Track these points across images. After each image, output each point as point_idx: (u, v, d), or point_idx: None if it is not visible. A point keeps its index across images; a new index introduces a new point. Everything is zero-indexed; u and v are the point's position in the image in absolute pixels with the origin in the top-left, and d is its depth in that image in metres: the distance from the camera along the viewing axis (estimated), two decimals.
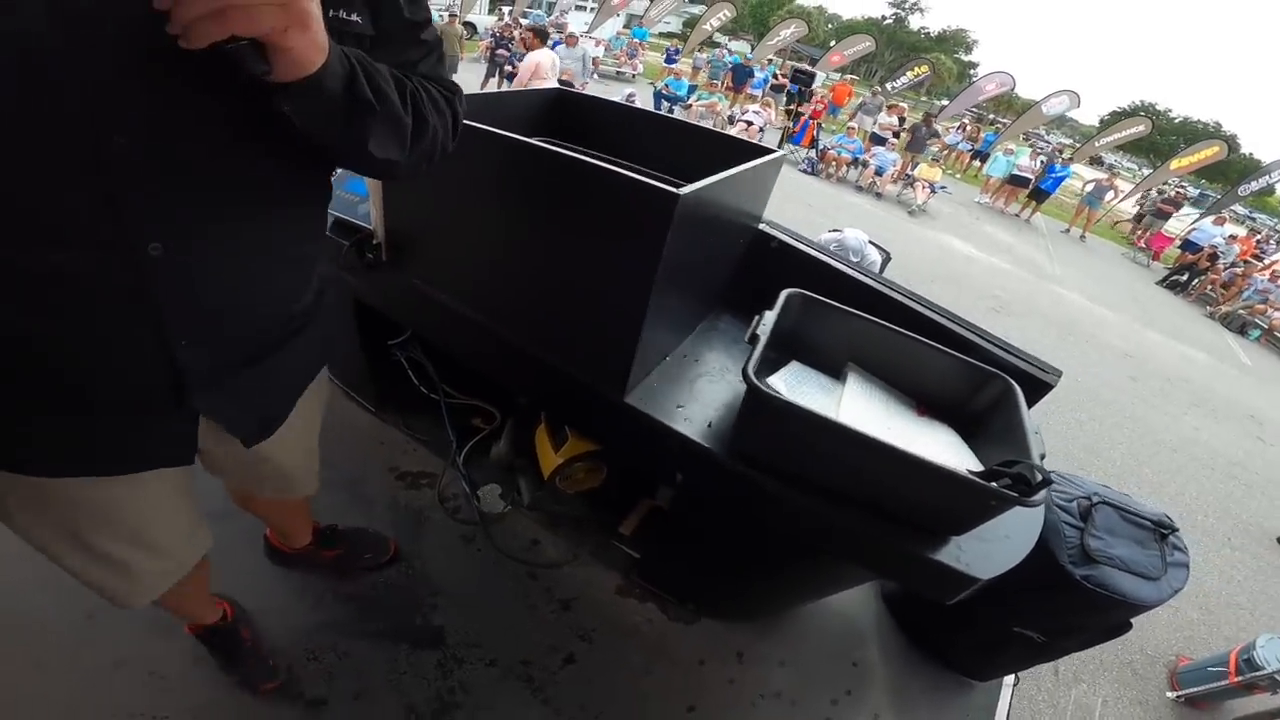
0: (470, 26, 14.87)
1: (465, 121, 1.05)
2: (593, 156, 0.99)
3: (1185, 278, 9.97)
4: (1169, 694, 2.37)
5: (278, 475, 1.06)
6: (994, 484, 0.90)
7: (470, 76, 11.03)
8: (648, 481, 1.93)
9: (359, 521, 1.78)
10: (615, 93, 10.43)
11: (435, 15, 12.30)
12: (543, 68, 6.47)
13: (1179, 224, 12.18)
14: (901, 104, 12.81)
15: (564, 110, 1.66)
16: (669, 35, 29.54)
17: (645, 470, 1.88)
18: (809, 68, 10.77)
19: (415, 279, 1.31)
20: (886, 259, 3.75)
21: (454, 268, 1.26)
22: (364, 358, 1.89)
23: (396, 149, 0.71)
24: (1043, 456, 0.96)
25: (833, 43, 20.22)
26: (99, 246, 0.59)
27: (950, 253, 7.67)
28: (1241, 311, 8.64)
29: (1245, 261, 10.09)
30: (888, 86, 15.36)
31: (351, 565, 1.59)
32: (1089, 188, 11.29)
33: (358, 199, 1.49)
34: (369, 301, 1.57)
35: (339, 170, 1.81)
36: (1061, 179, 11.11)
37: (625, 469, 1.85)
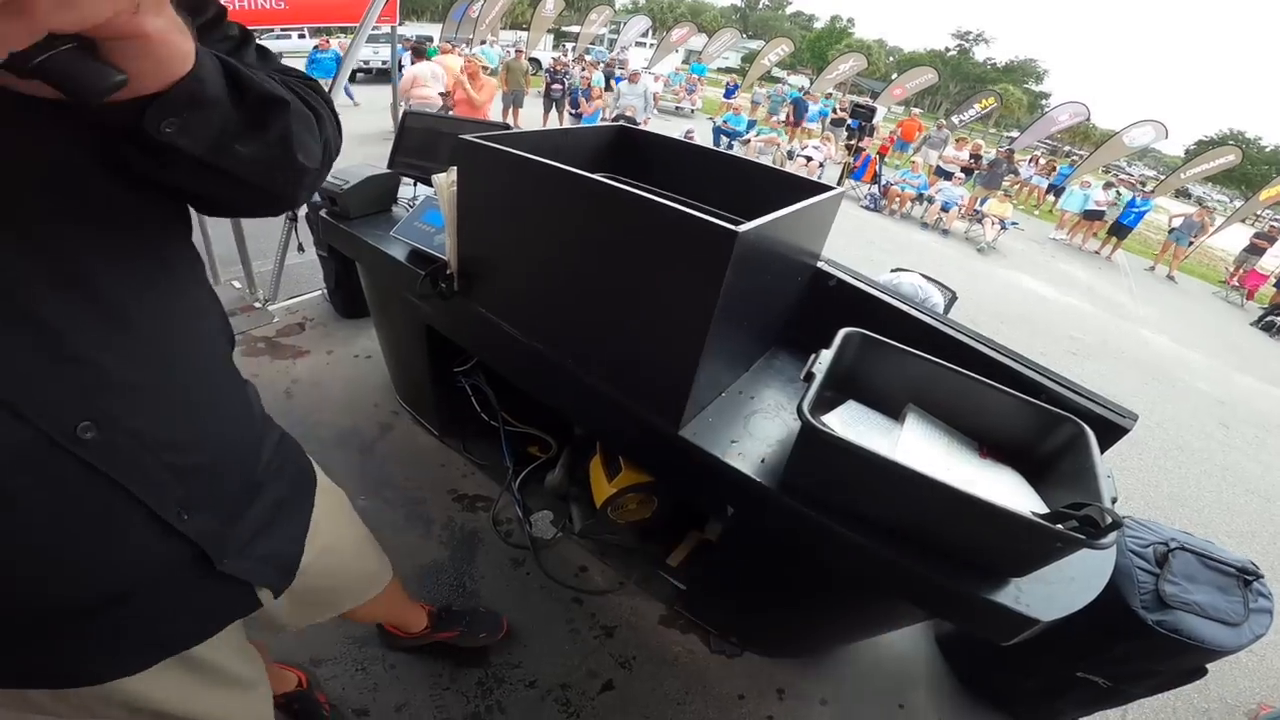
0: (535, 62, 15.60)
1: (529, 156, 1.11)
2: (653, 192, 1.02)
3: None
4: None
5: (344, 586, 1.02)
6: (1059, 526, 0.86)
7: (534, 111, 11.54)
8: (697, 515, 1.92)
9: (415, 539, 1.85)
10: (674, 128, 10.67)
11: (501, 51, 13.00)
12: (420, 78, 7.02)
13: (1275, 260, 11.26)
14: (978, 139, 12.49)
15: (625, 146, 1.72)
16: (727, 70, 30.07)
17: (696, 503, 1.88)
18: (869, 102, 10.71)
19: (482, 308, 1.38)
20: (952, 299, 3.63)
21: (519, 298, 1.31)
22: (431, 383, 1.98)
23: (317, 151, 0.60)
24: (1114, 500, 0.92)
25: (894, 76, 20.06)
26: (14, 450, 0.47)
27: (1022, 292, 7.35)
28: None
29: None
30: (953, 119, 15.07)
31: (469, 645, 1.55)
32: (1176, 221, 10.62)
33: (434, 230, 1.58)
34: (439, 328, 1.65)
35: (415, 198, 1.95)
36: (1143, 213, 10.49)
37: (676, 501, 1.85)
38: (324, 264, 2.83)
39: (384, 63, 10.15)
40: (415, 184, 2.07)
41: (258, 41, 0.61)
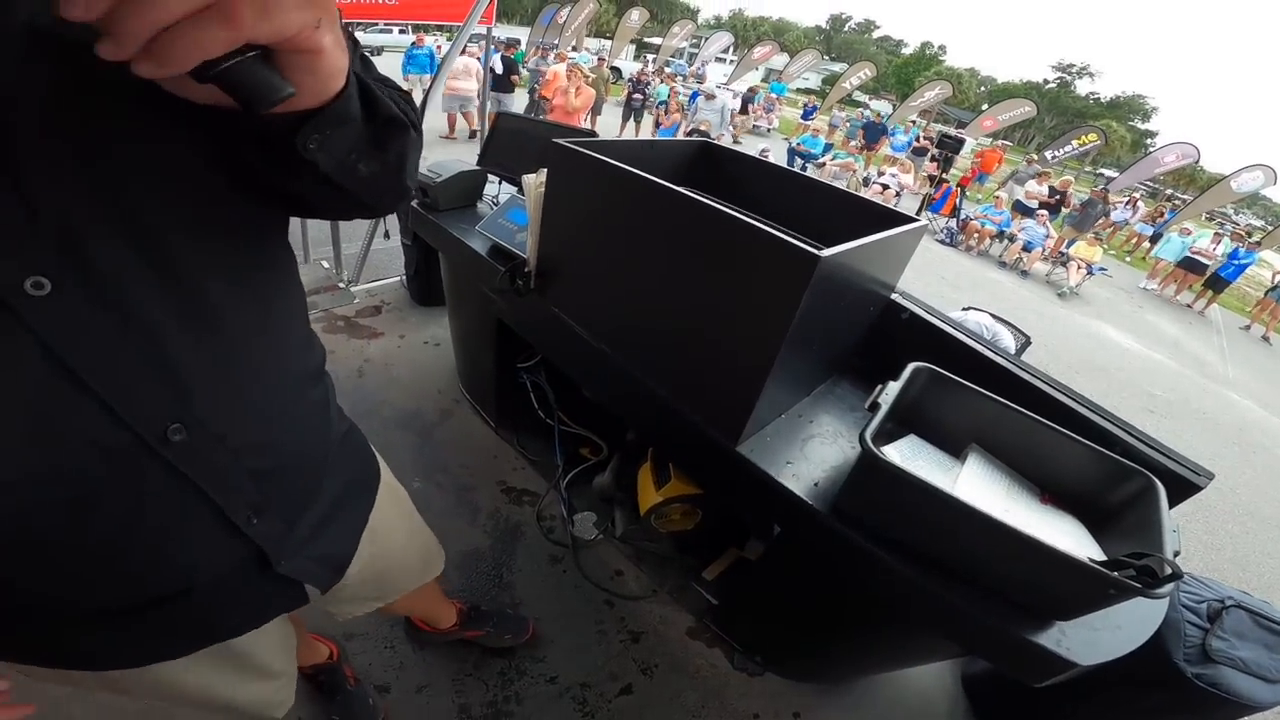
0: (616, 71, 15.90)
1: (619, 164, 1.14)
2: (734, 209, 1.04)
3: None
4: None
5: (390, 581, 1.02)
6: (1117, 574, 0.84)
7: (612, 119, 11.76)
8: (739, 532, 1.92)
9: (461, 525, 1.92)
10: (749, 146, 10.64)
11: (586, 57, 13.31)
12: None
13: None
14: (1066, 175, 11.86)
15: (706, 161, 1.75)
16: (807, 91, 29.75)
17: (743, 519, 1.87)
18: (956, 132, 10.37)
19: (555, 307, 1.43)
20: (1025, 344, 3.49)
21: (591, 300, 1.36)
22: (494, 376, 2.05)
23: (417, 169, 0.60)
24: (1176, 554, 0.88)
25: (984, 106, 19.37)
26: (106, 452, 0.47)
27: (1102, 342, 6.94)
28: None
29: None
30: (1047, 155, 14.40)
31: (494, 644, 1.58)
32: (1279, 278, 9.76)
33: (516, 228, 1.66)
34: (510, 323, 1.72)
35: (498, 196, 2.04)
36: (1245, 266, 9.69)
37: (720, 516, 1.85)
38: (406, 251, 2.98)
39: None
40: (500, 182, 2.16)
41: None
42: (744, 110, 15.09)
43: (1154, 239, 12.14)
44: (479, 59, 9.27)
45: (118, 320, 0.45)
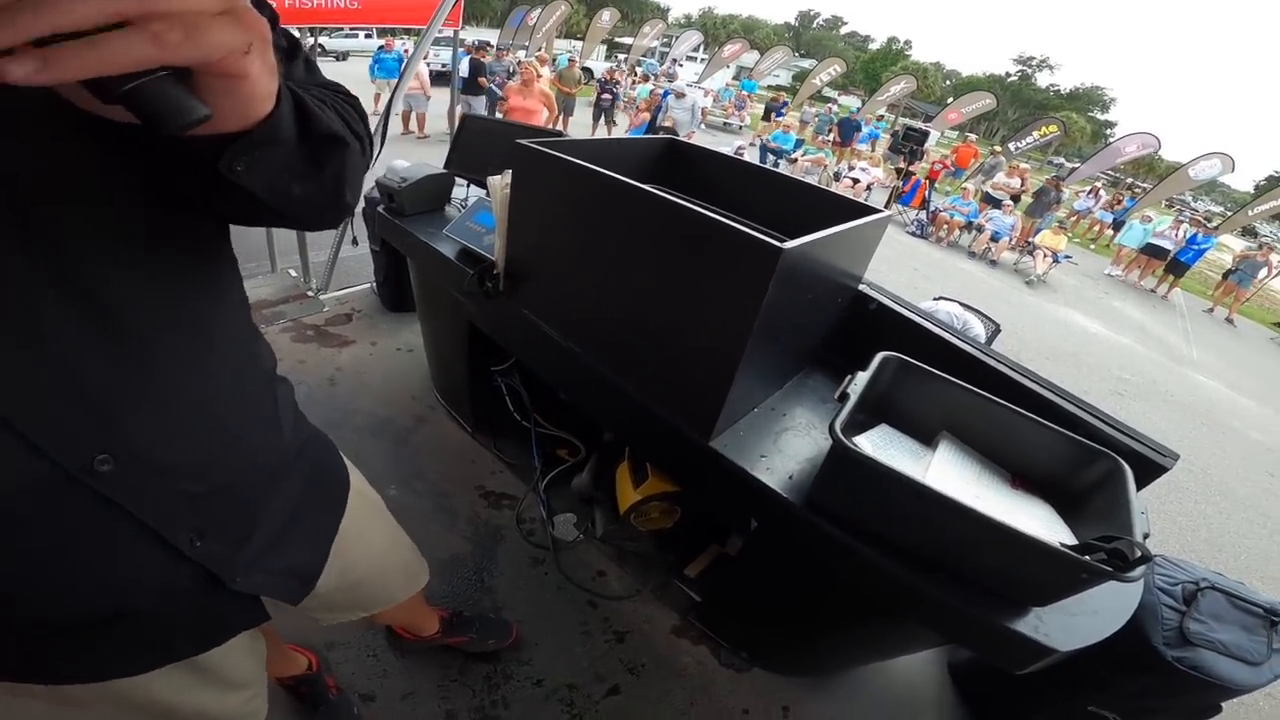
0: (588, 72, 15.87)
1: (583, 163, 1.14)
2: (700, 206, 1.04)
3: None
4: None
5: (371, 592, 1.00)
6: (1087, 558, 0.86)
7: (584, 119, 11.74)
8: (719, 528, 1.92)
9: (439, 531, 1.89)
10: (722, 143, 10.70)
11: (562, 58, 13.29)
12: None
13: None
14: (1024, 165, 12.16)
15: (673, 159, 1.75)
16: (778, 88, 30.01)
17: (721, 515, 1.88)
18: (921, 125, 10.52)
19: (525, 309, 1.42)
20: (995, 331, 3.56)
21: (561, 301, 1.35)
22: (468, 380, 2.03)
23: (359, 184, 0.58)
24: (1146, 536, 0.90)
25: (950, 99, 19.73)
26: (28, 484, 0.45)
27: (1070, 328, 7.11)
28: None
29: None
30: (1010, 146, 14.72)
31: (478, 650, 1.55)
32: (1242, 263, 10.11)
33: (484, 230, 1.64)
34: (481, 327, 1.70)
35: (467, 199, 2.03)
36: (1204, 250, 10.03)
37: (698, 513, 1.86)
38: (375, 258, 2.94)
39: (444, 65, 10.45)
40: (469, 185, 2.14)
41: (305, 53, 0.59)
42: None
43: (1116, 226, 12.49)
44: (426, 63, 9.27)
45: (32, 348, 0.42)
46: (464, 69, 8.35)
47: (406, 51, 10.15)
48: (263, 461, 0.68)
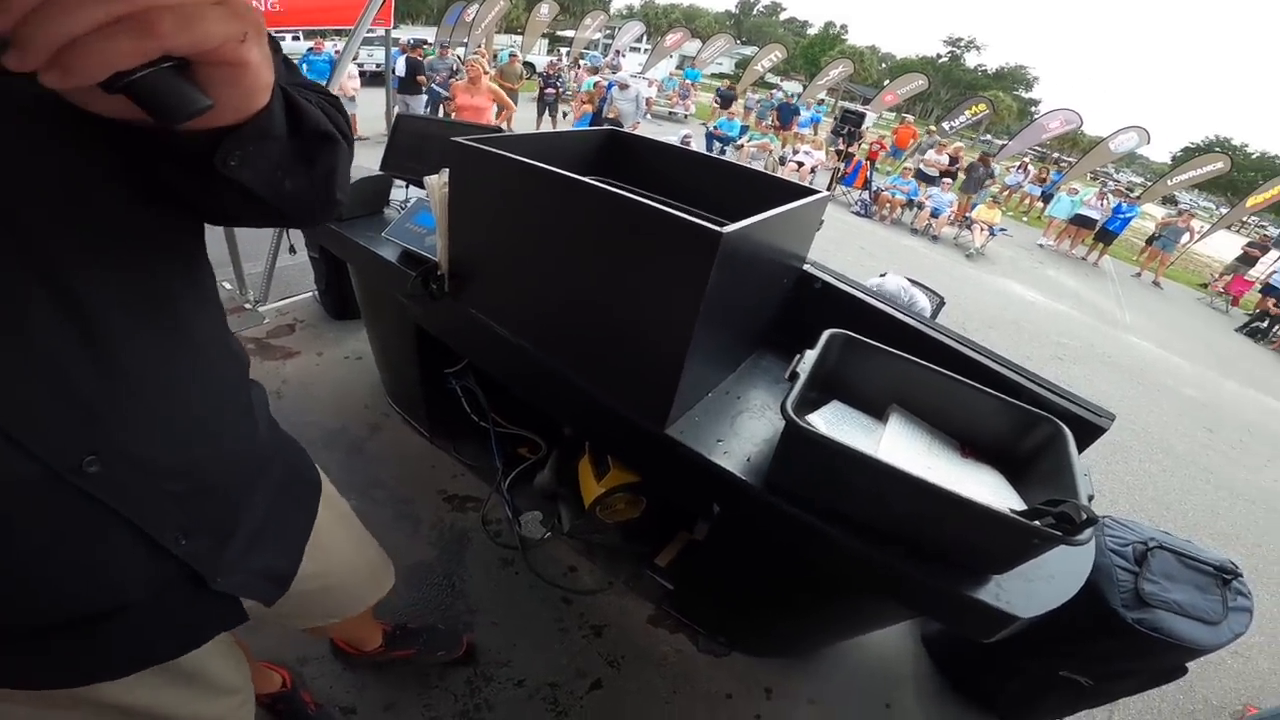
0: (530, 66, 15.63)
1: (518, 158, 1.12)
2: (641, 195, 1.04)
3: (1266, 324, 9.30)
4: None
5: (336, 599, 1.01)
6: (1036, 523, 0.88)
7: (528, 114, 11.57)
8: (686, 515, 1.94)
9: (403, 539, 1.85)
10: (668, 133, 10.71)
11: (503, 53, 13.06)
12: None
13: (1263, 267, 11.41)
14: (958, 143, 12.62)
15: (616, 150, 1.74)
16: (721, 76, 30.21)
17: (683, 502, 1.89)
18: (859, 108, 10.78)
19: (472, 308, 1.39)
20: (940, 304, 3.67)
21: (508, 299, 1.33)
22: (421, 384, 1.99)
23: (347, 181, 0.59)
24: (1091, 498, 0.94)
25: (886, 82, 20.25)
26: (16, 484, 0.46)
27: (1010, 298, 7.42)
28: None
29: None
30: (944, 126, 15.21)
31: (428, 662, 1.52)
32: (1165, 230, 10.74)
33: (425, 231, 1.60)
34: (429, 330, 1.66)
35: (407, 200, 1.97)
36: (1129, 219, 10.63)
37: (664, 502, 1.86)
38: (315, 265, 2.83)
39: (378, 66, 10.12)
40: (408, 186, 2.08)
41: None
42: None
43: (1045, 199, 13.09)
44: (358, 63, 8.99)
45: (19, 351, 0.43)
46: (400, 68, 8.11)
47: (338, 53, 9.80)
48: (241, 461, 0.69)
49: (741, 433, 1.21)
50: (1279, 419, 5.96)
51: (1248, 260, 10.90)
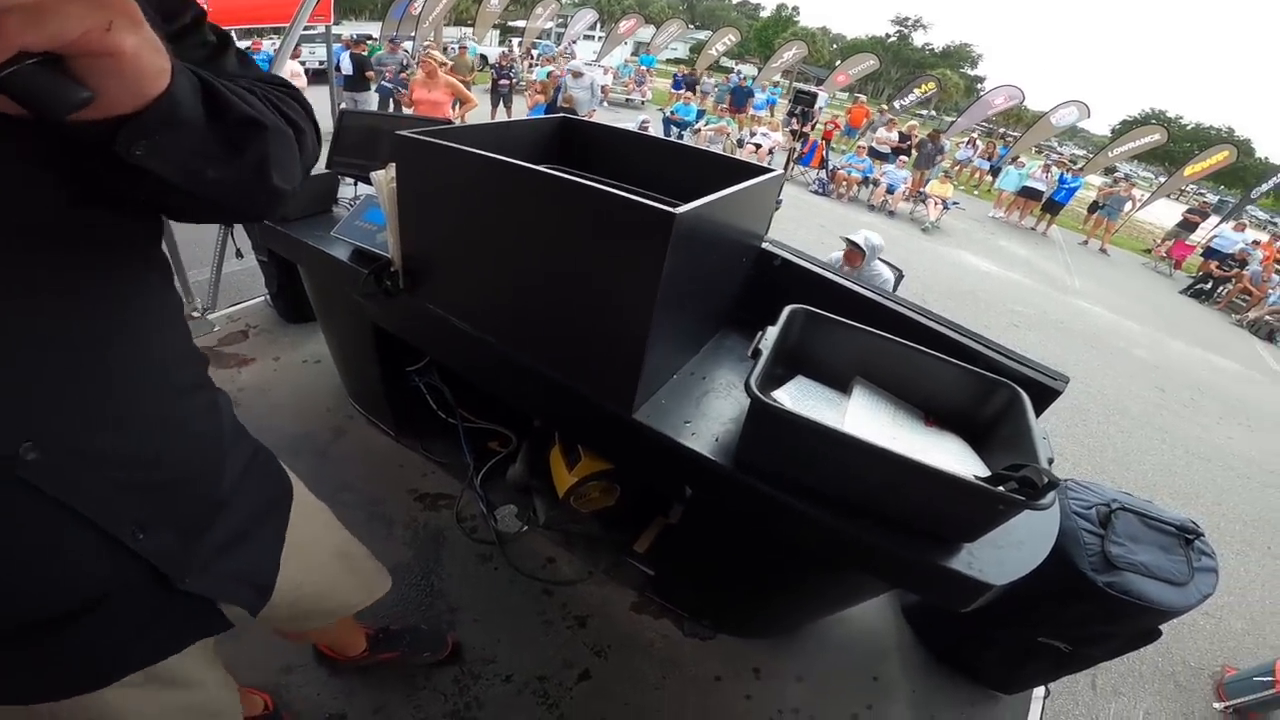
0: (482, 58, 15.33)
1: (466, 149, 1.10)
2: (596, 181, 1.02)
3: (1209, 286, 9.79)
4: (1215, 705, 2.33)
5: (325, 604, 1.01)
6: (1000, 488, 0.90)
7: (483, 107, 11.36)
8: (661, 499, 1.94)
9: (376, 542, 1.81)
10: (626, 119, 10.65)
11: (453, 46, 12.77)
12: None
13: (1203, 233, 11.99)
14: (910, 121, 12.86)
15: (570, 138, 1.72)
16: (676, 61, 30.09)
17: (656, 486, 1.90)
18: (811, 88, 10.89)
19: (431, 304, 1.36)
20: (899, 277, 3.75)
21: (467, 292, 1.30)
22: (383, 384, 1.94)
23: (296, 172, 0.59)
24: (1051, 461, 0.96)
25: (838, 63, 20.46)
26: None
27: (965, 269, 7.63)
28: (1269, 318, 8.45)
29: (1272, 267, 9.88)
30: (895, 104, 15.46)
31: (412, 665, 1.50)
32: (1108, 199, 11.17)
33: (375, 228, 1.55)
34: (387, 328, 1.62)
35: (358, 197, 1.91)
36: (1074, 190, 11.04)
37: (639, 488, 1.86)
38: (264, 269, 2.73)
39: (320, 63, 9.77)
40: (356, 183, 2.02)
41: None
42: None
43: (994, 173, 13.48)
44: (301, 62, 8.68)
45: None
46: (346, 65, 7.85)
47: (277, 51, 9.45)
48: (209, 456, 0.69)
49: (709, 413, 1.22)
50: (1226, 376, 6.29)
51: (1188, 226, 11.44)
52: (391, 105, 8.68)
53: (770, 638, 1.73)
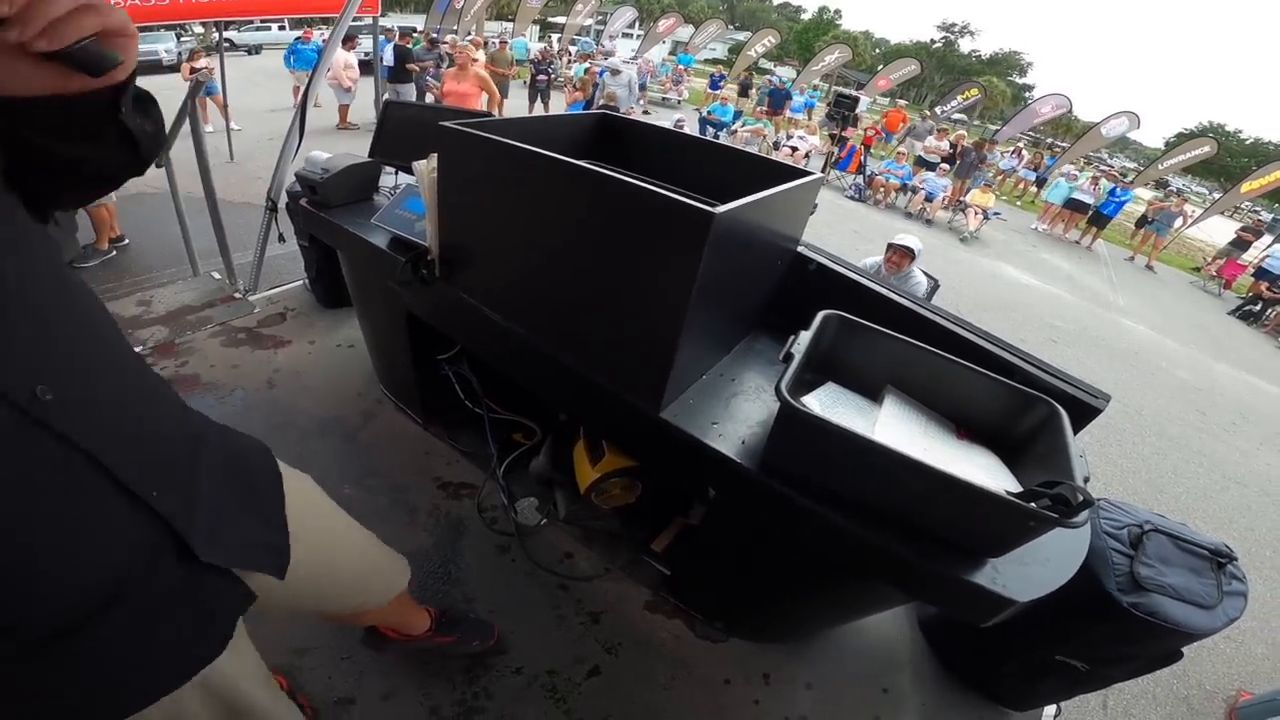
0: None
1: (508, 141, 1.11)
2: (634, 177, 1.02)
3: (1259, 307, 9.36)
4: None
5: (348, 584, 1.03)
6: (1032, 504, 0.87)
7: (520, 101, 11.48)
8: (682, 499, 1.94)
9: (399, 527, 1.85)
10: (662, 118, 10.64)
11: (493, 40, 12.95)
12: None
13: (1256, 252, 11.49)
14: (960, 130, 12.57)
15: (608, 134, 1.72)
16: (714, 62, 29.91)
17: (679, 485, 1.89)
18: (852, 92, 10.73)
19: (464, 293, 1.37)
20: (934, 286, 3.68)
21: (501, 284, 1.31)
22: (414, 371, 1.97)
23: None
24: (1086, 479, 0.93)
25: (880, 67, 20.12)
26: None
27: (1004, 281, 7.44)
28: None
29: None
30: (937, 110, 15.14)
31: (461, 651, 1.52)
32: (1157, 214, 10.77)
33: (415, 217, 1.58)
34: (421, 316, 1.64)
35: (398, 186, 1.94)
36: (1123, 203, 10.66)
37: (660, 486, 1.86)
38: (305, 254, 2.80)
39: (365, 54, 9.97)
40: (396, 172, 2.06)
41: None
42: None
43: (1039, 184, 13.10)
44: (357, 53, 8.92)
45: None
46: (389, 57, 8.01)
47: (326, 42, 9.69)
48: (177, 426, 0.71)
49: (736, 415, 1.21)
50: (1271, 401, 6.03)
51: (1241, 244, 10.96)
52: (426, 97, 8.83)
53: (782, 643, 1.71)
